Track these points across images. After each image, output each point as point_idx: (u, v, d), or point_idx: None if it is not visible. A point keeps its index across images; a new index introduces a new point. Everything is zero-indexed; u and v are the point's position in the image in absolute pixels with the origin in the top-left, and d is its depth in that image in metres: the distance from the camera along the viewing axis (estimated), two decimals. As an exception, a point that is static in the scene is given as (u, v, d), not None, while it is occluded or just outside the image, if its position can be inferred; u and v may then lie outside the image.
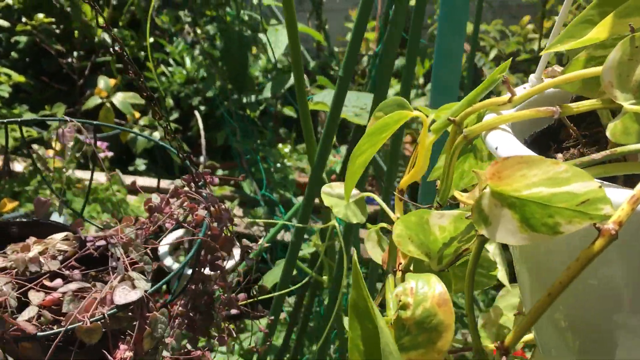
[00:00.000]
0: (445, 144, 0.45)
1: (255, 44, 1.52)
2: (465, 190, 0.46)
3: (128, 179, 2.62)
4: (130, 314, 0.53)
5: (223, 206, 0.66)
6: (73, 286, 0.57)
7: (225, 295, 0.65)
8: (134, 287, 0.53)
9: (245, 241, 0.69)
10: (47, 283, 0.60)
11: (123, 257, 0.57)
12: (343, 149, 3.32)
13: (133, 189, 2.53)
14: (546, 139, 0.44)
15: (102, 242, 0.62)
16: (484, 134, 0.40)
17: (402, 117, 0.45)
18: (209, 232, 0.62)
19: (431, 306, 0.36)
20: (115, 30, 2.90)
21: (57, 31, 2.78)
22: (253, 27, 1.40)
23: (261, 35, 1.33)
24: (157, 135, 2.39)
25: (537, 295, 0.42)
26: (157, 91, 2.83)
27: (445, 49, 0.90)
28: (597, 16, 0.39)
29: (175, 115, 2.86)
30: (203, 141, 2.44)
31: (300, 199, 1.77)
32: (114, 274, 0.56)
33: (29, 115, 2.25)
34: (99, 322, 0.49)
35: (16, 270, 0.62)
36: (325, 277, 0.96)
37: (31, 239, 0.65)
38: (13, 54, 2.70)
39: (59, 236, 0.66)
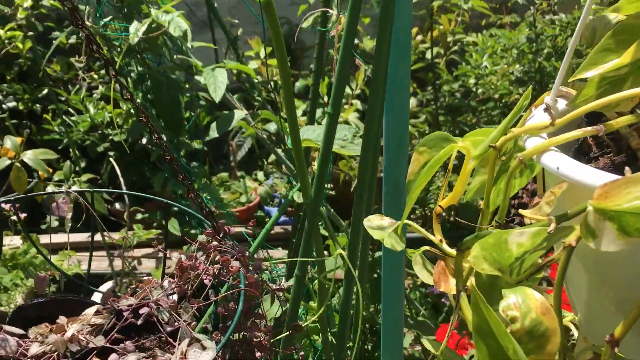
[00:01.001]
0: (488, 168, 0.51)
1: (190, 86, 1.52)
2: (519, 209, 0.51)
3: (42, 238, 2.49)
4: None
5: (247, 253, 0.68)
6: (132, 358, 0.57)
7: (266, 341, 0.67)
8: (203, 348, 0.54)
9: (271, 284, 0.71)
10: (97, 360, 0.59)
11: (180, 320, 0.58)
12: (260, 174, 3.33)
13: (54, 248, 2.41)
14: (575, 153, 0.51)
15: (145, 309, 0.62)
16: (537, 157, 0.46)
17: (452, 149, 0.50)
18: (247, 282, 0.64)
19: (537, 316, 0.41)
20: (5, 85, 2.76)
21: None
22: (184, 69, 1.41)
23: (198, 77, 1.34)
24: (75, 187, 2.29)
25: (596, 292, 0.49)
26: (60, 143, 2.72)
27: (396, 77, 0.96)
28: (614, 44, 0.46)
29: (82, 164, 2.75)
30: (124, 187, 2.38)
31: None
32: (175, 340, 0.56)
33: None
34: (188, 388, 0.50)
35: (57, 352, 0.61)
36: (313, 304, 0.99)
37: (62, 319, 0.64)
38: None
39: (91, 311, 0.65)
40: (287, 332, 0.72)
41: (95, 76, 2.90)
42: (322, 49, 1.30)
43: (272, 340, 0.72)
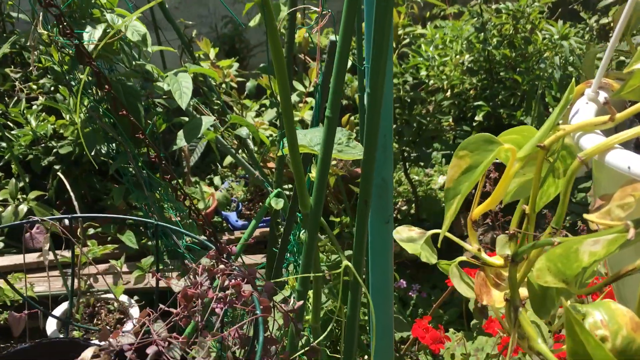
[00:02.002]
0: (535, 169, 0.47)
1: (148, 93, 1.43)
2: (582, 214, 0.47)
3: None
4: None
5: (258, 275, 0.62)
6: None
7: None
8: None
9: (282, 306, 0.65)
10: (104, 412, 0.52)
11: (201, 357, 0.51)
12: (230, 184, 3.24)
13: (4, 271, 2.26)
14: (636, 148, 0.48)
15: (153, 348, 0.55)
16: (599, 156, 0.42)
17: (499, 152, 0.46)
18: (262, 307, 0.58)
19: (628, 333, 0.37)
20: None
21: None
22: (142, 75, 1.32)
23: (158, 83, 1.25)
24: (23, 208, 2.15)
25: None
26: (1, 159, 2.56)
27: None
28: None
29: (26, 180, 2.60)
30: (75, 203, 2.26)
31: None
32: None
33: None
34: None
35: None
36: (308, 317, 0.94)
37: (54, 367, 0.56)
38: None
39: (88, 354, 0.57)
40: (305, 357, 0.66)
41: (34, 87, 2.74)
42: (291, 48, 1.24)
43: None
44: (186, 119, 1.51)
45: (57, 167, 2.60)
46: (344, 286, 0.84)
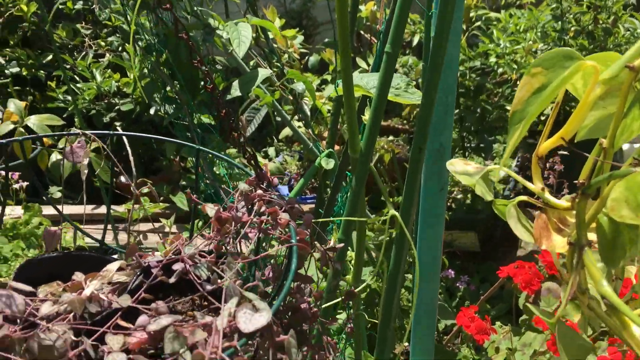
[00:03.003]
0: (618, 97, 0.41)
1: (206, 44, 1.41)
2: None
3: (44, 210, 2.39)
4: (259, 340, 0.44)
5: (297, 207, 0.58)
6: (165, 321, 0.47)
7: (317, 306, 0.57)
8: (255, 309, 0.44)
9: (319, 245, 0.61)
10: (122, 323, 0.49)
11: (226, 276, 0.48)
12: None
13: (54, 220, 2.31)
14: None
15: (179, 265, 0.52)
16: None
17: (579, 68, 0.40)
18: (298, 238, 0.54)
19: None
20: (8, 50, 2.65)
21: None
22: (203, 26, 1.30)
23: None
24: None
25: None
26: (65, 111, 2.61)
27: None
28: None
29: (88, 135, 2.64)
30: (131, 158, 2.29)
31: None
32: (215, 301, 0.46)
33: None
34: (243, 357, 0.40)
35: (73, 313, 0.51)
36: (348, 277, 0.89)
37: (78, 275, 0.54)
38: None
39: (113, 267, 0.55)
40: (341, 299, 0.62)
41: (102, 43, 2.79)
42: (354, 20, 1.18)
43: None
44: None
45: (117, 123, 2.64)
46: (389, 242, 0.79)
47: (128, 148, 2.23)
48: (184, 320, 0.47)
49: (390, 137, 2.84)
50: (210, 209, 0.58)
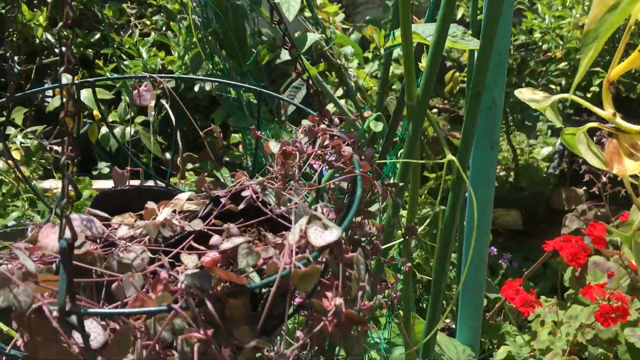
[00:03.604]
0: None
1: (252, 11, 1.43)
2: None
3: (94, 184, 2.46)
4: (330, 255, 0.45)
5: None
6: (238, 240, 0.48)
7: (378, 240, 0.58)
8: (325, 227, 0.46)
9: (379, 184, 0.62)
10: (195, 245, 0.52)
11: (296, 198, 0.49)
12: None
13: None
14: None
15: (248, 191, 0.53)
16: None
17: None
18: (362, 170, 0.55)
19: None
20: (57, 29, 2.71)
21: (-6, 35, 2.57)
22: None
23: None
24: (130, 130, 2.25)
25: None
26: (112, 89, 2.67)
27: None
28: None
29: (132, 114, 2.70)
30: (177, 134, 2.32)
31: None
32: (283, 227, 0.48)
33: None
34: (316, 266, 0.42)
35: (148, 237, 0.53)
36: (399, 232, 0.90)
37: (151, 203, 0.56)
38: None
39: (184, 196, 0.57)
40: (402, 237, 0.63)
41: (147, 22, 2.83)
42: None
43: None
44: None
45: (162, 100, 2.69)
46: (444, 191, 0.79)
47: (174, 123, 2.26)
48: (258, 239, 0.49)
49: (433, 115, 2.81)
50: (274, 145, 0.59)
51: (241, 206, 0.53)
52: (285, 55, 1.18)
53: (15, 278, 0.37)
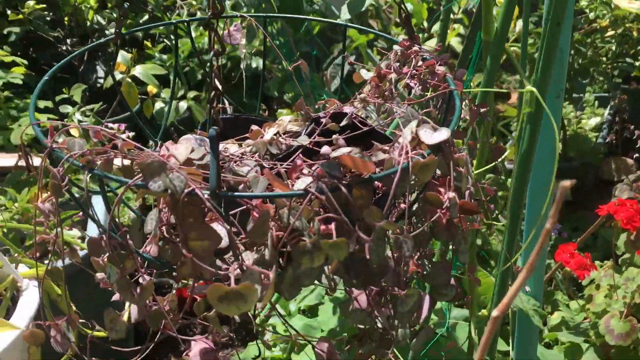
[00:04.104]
0: None
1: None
2: None
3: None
4: (441, 154, 0.48)
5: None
6: (346, 149, 0.51)
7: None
8: (434, 129, 0.48)
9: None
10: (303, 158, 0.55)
11: (405, 106, 0.52)
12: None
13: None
14: None
15: (349, 109, 0.57)
16: None
17: None
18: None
19: None
20: (107, 11, 2.79)
21: (48, 18, 2.66)
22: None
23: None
24: (183, 105, 2.31)
25: None
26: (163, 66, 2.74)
27: None
28: None
29: (181, 92, 2.77)
30: (228, 109, 2.39)
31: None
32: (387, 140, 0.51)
33: (44, 104, 2.14)
34: (434, 157, 0.45)
35: (257, 153, 0.57)
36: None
37: (254, 126, 0.60)
38: (5, 47, 2.57)
39: (287, 118, 0.60)
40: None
41: (193, 2, 2.89)
42: None
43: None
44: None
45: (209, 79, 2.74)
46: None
47: (225, 100, 2.32)
48: (366, 148, 0.52)
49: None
50: (366, 72, 0.62)
51: (343, 123, 0.56)
52: (345, 15, 1.20)
53: (170, 164, 0.41)
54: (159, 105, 2.17)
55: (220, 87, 0.44)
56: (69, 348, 0.46)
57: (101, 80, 2.73)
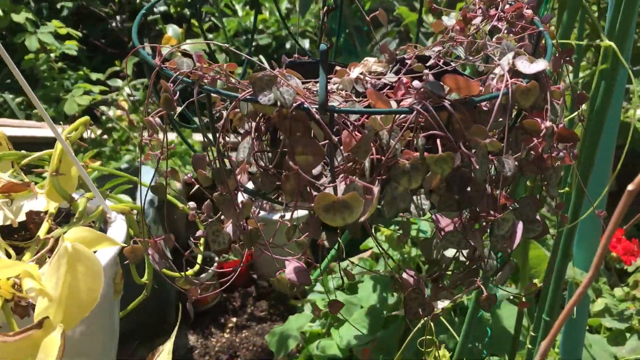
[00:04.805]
0: None
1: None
2: None
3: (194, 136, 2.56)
4: (538, 84, 0.48)
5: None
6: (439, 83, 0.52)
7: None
8: (531, 61, 0.49)
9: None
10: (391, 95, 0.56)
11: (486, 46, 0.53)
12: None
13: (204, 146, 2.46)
14: None
15: (437, 48, 0.57)
16: None
17: None
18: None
19: None
20: None
21: (99, -6, 2.71)
22: None
23: None
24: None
25: None
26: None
27: None
28: None
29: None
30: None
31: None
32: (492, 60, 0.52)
33: (96, 76, 2.19)
34: (535, 82, 0.45)
35: (343, 90, 0.58)
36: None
37: (338, 66, 0.61)
38: (56, 22, 2.63)
39: (372, 59, 0.61)
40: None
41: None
42: None
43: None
44: None
45: (255, 58, 2.77)
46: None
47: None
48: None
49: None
50: (447, 18, 0.62)
51: (430, 62, 0.57)
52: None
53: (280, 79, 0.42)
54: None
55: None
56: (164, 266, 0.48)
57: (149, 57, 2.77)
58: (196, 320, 2.08)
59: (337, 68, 0.61)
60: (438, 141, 0.41)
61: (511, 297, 1.52)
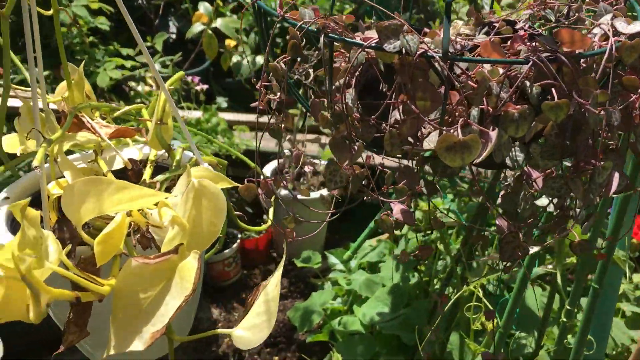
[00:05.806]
0: None
1: None
2: None
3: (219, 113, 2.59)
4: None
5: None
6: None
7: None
8: (627, 23, 0.52)
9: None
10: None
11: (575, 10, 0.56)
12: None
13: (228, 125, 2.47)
14: None
15: (528, 12, 0.60)
16: None
17: None
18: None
19: None
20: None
21: (126, -28, 2.73)
22: None
23: None
24: (259, 59, 2.35)
25: None
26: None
27: None
28: None
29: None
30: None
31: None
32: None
33: (126, 51, 2.21)
34: (639, 39, 0.48)
35: (436, 49, 0.60)
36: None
37: (426, 30, 0.64)
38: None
39: (460, 22, 0.64)
40: None
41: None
42: None
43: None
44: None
45: (278, 40, 2.79)
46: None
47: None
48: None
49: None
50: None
51: (518, 26, 0.60)
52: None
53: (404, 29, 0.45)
54: (235, 58, 2.22)
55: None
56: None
57: (173, 36, 2.80)
58: (219, 294, 2.12)
59: (425, 30, 0.64)
60: (553, 90, 0.44)
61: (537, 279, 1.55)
